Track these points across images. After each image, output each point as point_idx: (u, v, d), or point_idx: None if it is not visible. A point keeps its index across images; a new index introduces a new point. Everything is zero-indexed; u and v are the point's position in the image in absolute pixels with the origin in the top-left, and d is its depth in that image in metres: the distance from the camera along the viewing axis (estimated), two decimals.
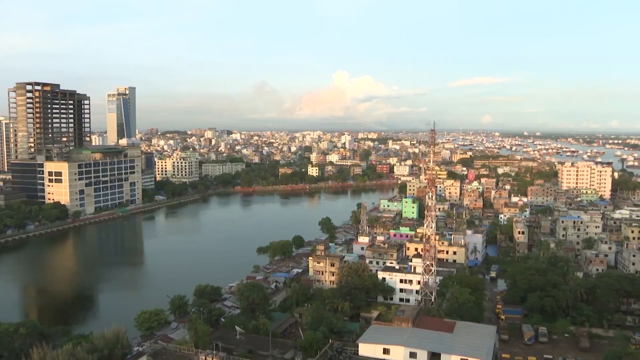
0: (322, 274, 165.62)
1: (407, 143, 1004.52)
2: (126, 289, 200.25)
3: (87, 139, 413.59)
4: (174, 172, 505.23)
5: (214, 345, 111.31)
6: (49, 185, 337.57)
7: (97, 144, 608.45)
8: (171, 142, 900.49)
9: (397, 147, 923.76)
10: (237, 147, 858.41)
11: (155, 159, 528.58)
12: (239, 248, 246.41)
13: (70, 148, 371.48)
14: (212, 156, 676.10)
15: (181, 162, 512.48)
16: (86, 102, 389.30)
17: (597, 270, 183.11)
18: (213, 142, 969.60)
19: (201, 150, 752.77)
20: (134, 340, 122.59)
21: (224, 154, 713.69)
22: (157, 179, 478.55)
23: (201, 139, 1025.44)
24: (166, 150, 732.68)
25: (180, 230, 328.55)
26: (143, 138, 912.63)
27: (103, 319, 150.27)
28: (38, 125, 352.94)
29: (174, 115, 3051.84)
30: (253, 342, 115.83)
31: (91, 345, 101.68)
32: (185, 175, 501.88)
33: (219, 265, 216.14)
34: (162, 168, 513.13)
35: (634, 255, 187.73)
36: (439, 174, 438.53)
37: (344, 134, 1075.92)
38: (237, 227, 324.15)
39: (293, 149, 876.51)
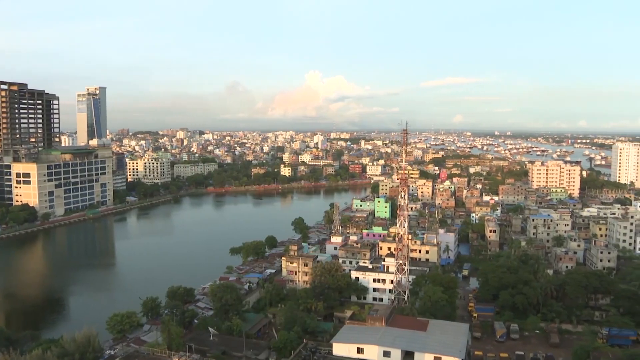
0: (296, 274, 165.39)
1: (380, 143, 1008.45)
2: (98, 291, 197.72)
3: (57, 139, 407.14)
4: (145, 172, 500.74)
5: (187, 347, 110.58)
6: (16, 187, 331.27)
7: (67, 144, 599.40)
8: (142, 142, 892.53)
9: (370, 147, 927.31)
10: (210, 148, 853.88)
11: (127, 160, 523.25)
12: (212, 249, 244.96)
13: (39, 149, 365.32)
14: (184, 156, 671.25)
15: (153, 163, 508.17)
16: (55, 102, 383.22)
17: (567, 267, 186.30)
18: (185, 142, 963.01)
19: (173, 151, 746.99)
20: (105, 344, 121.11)
21: (196, 155, 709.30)
22: (129, 179, 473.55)
23: (173, 140, 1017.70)
24: (137, 151, 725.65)
25: (153, 231, 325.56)
26: (114, 138, 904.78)
27: (74, 322, 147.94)
28: (5, 126, 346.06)
29: (146, 116, 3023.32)
30: (227, 343, 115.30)
31: (61, 349, 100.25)
32: (157, 176, 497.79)
33: (192, 267, 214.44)
34: (133, 169, 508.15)
35: (601, 252, 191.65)
36: (411, 174, 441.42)
37: (317, 134, 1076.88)
38: (209, 227, 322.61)
39: (265, 149, 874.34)
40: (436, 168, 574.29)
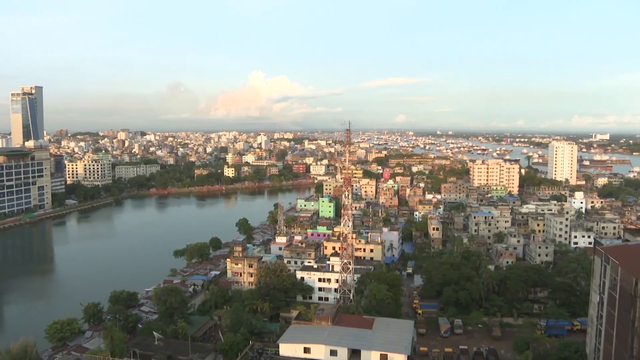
0: (241, 275, 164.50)
1: (323, 143, 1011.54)
2: (35, 299, 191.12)
3: None
4: (85, 175, 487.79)
5: (131, 352, 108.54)
6: None
7: (1, 146, 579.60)
8: (82, 144, 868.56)
9: (313, 146, 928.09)
10: (152, 149, 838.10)
11: (66, 162, 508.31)
12: (155, 252, 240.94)
13: None
14: (125, 158, 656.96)
15: (93, 165, 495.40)
16: None
17: (507, 262, 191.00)
18: (126, 143, 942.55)
19: (114, 152, 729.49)
20: (44, 353, 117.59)
21: (138, 156, 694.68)
22: (68, 182, 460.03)
23: (114, 141, 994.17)
24: (77, 153, 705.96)
25: (94, 235, 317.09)
26: (52, 140, 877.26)
27: (9, 332, 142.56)
28: None
29: (85, 116, 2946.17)
30: (172, 348, 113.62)
31: None
32: (98, 178, 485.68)
33: (135, 270, 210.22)
34: (72, 171, 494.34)
35: (539, 247, 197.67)
36: (355, 173, 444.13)
37: (260, 134, 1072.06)
38: (152, 230, 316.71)
39: (209, 149, 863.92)
40: (379, 167, 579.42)
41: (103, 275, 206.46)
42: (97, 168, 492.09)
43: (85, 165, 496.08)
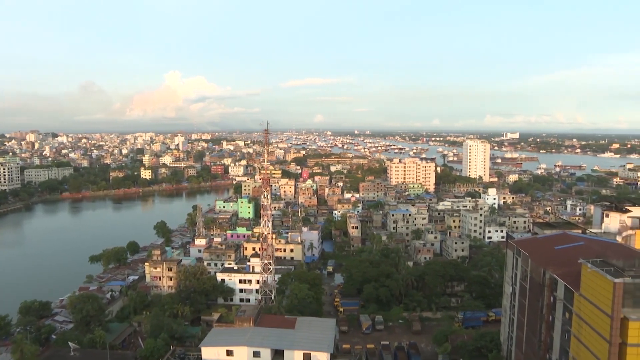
0: (160, 280, 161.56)
1: (241, 143, 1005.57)
2: None
3: None
4: None
5: None
6: None
7: None
8: None
9: (232, 147, 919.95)
10: (64, 151, 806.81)
11: None
12: (70, 258, 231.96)
13: None
14: (35, 161, 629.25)
15: None
16: None
17: (425, 258, 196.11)
18: (36, 145, 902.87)
19: (23, 155, 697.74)
20: None
21: (49, 158, 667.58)
22: None
23: (22, 143, 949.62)
24: None
25: (1, 243, 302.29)
26: None
27: None
28: None
29: None
30: (89, 357, 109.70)
31: None
32: (5, 182, 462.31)
33: (48, 279, 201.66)
34: None
35: (455, 243, 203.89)
36: (274, 173, 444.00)
37: (177, 135, 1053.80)
38: (66, 235, 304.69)
39: (124, 151, 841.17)
40: (298, 167, 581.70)
41: (12, 285, 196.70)
42: (4, 172, 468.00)
43: None
